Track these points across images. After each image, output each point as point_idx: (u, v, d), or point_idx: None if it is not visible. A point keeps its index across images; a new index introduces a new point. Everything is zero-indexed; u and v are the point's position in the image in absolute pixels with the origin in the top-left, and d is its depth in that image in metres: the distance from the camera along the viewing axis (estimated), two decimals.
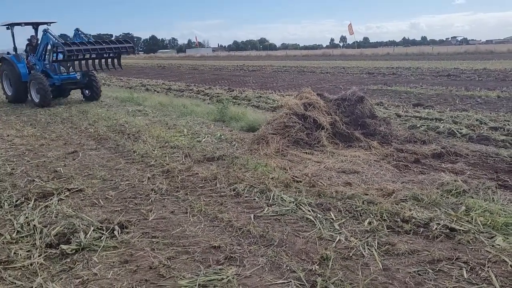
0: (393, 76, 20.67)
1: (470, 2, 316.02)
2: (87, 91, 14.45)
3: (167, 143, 7.48)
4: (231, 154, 6.37)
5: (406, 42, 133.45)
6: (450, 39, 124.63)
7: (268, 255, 3.40)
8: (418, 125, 7.99)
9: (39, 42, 13.74)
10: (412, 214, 3.93)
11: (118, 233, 3.87)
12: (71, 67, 12.51)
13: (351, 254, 3.34)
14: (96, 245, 3.66)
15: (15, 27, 14.12)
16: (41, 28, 14.04)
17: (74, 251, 3.56)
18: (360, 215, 4.04)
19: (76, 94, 15.36)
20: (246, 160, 5.95)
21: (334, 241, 3.57)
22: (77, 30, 13.68)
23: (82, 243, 3.65)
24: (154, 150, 6.97)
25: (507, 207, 3.99)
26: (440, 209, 4.04)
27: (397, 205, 4.19)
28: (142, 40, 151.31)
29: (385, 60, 42.90)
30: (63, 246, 3.58)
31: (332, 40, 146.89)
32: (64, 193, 5.00)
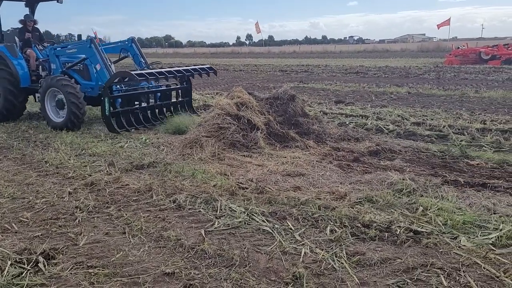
0: (306, 74, 21.20)
1: (362, 4, 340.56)
2: None
3: (84, 150, 6.66)
4: (162, 160, 5.80)
5: (308, 41, 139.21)
6: (347, 38, 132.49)
7: (232, 278, 2.99)
8: (347, 122, 8.08)
9: (36, 28, 9.67)
10: (371, 217, 3.78)
11: (44, 266, 3.18)
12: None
13: (322, 269, 3.06)
14: (17, 284, 2.94)
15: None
16: (43, 5, 9.81)
17: None
18: (319, 223, 3.80)
19: None
20: (181, 167, 5.44)
21: (300, 255, 3.27)
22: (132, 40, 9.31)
23: None
24: (70, 159, 6.13)
25: (459, 204, 4.03)
26: (396, 211, 3.95)
27: (353, 208, 4.02)
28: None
29: (293, 58, 44.27)
30: None
31: (238, 38, 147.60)
32: None
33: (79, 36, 10.25)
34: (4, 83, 8.95)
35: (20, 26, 9.62)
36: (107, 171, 5.51)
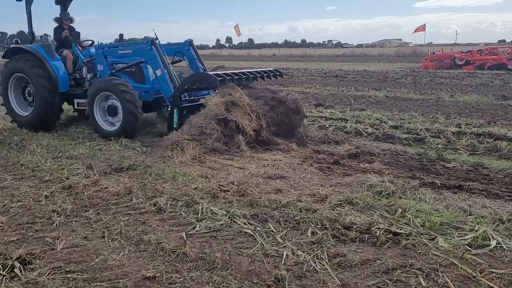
0: (286, 77, 21.25)
1: (340, 9, 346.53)
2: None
3: (61, 153, 6.53)
4: (142, 163, 5.73)
5: (288, 44, 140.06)
6: (326, 42, 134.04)
7: (214, 281, 2.98)
8: (326, 126, 8.15)
9: (71, 23, 8.88)
10: (351, 219, 3.82)
11: (21, 271, 3.10)
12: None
13: (304, 271, 3.08)
14: None
15: None
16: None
17: None
18: (301, 225, 3.82)
19: None
20: (162, 169, 5.39)
21: (282, 257, 3.28)
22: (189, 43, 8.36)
23: None
24: (46, 162, 6.00)
25: (436, 205, 4.10)
26: (375, 212, 4.00)
27: (334, 210, 4.06)
28: (8, 35, 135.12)
29: (272, 61, 44.49)
30: None
31: (218, 40, 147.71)
32: None
33: (121, 35, 9.61)
34: (41, 88, 7.93)
35: (56, 25, 8.90)
36: (85, 174, 5.42)
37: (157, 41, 7.36)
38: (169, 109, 6.95)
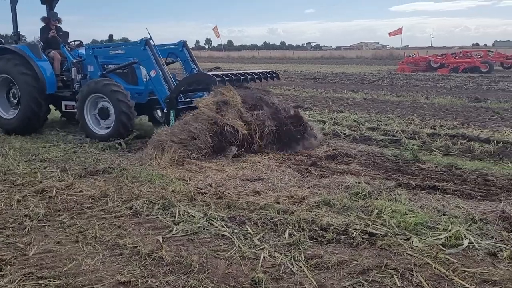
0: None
1: (319, 11, 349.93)
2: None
3: (34, 156, 6.39)
4: (118, 166, 5.65)
5: (267, 46, 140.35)
6: (305, 45, 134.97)
7: (190, 285, 2.94)
8: None
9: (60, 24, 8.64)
10: (328, 221, 3.84)
11: None
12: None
13: (281, 273, 3.08)
14: None
15: None
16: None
17: None
18: (278, 227, 3.82)
19: None
20: (138, 172, 5.33)
21: (259, 260, 3.27)
22: (183, 44, 8.04)
23: None
24: (19, 165, 5.86)
25: (411, 206, 4.16)
26: (352, 214, 4.04)
27: (311, 212, 4.08)
28: None
29: (252, 63, 44.54)
30: None
31: (197, 42, 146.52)
32: None
33: (111, 36, 9.38)
34: (27, 90, 7.64)
35: (43, 25, 8.60)
36: (59, 177, 5.30)
37: (151, 41, 7.22)
38: (165, 110, 6.87)
